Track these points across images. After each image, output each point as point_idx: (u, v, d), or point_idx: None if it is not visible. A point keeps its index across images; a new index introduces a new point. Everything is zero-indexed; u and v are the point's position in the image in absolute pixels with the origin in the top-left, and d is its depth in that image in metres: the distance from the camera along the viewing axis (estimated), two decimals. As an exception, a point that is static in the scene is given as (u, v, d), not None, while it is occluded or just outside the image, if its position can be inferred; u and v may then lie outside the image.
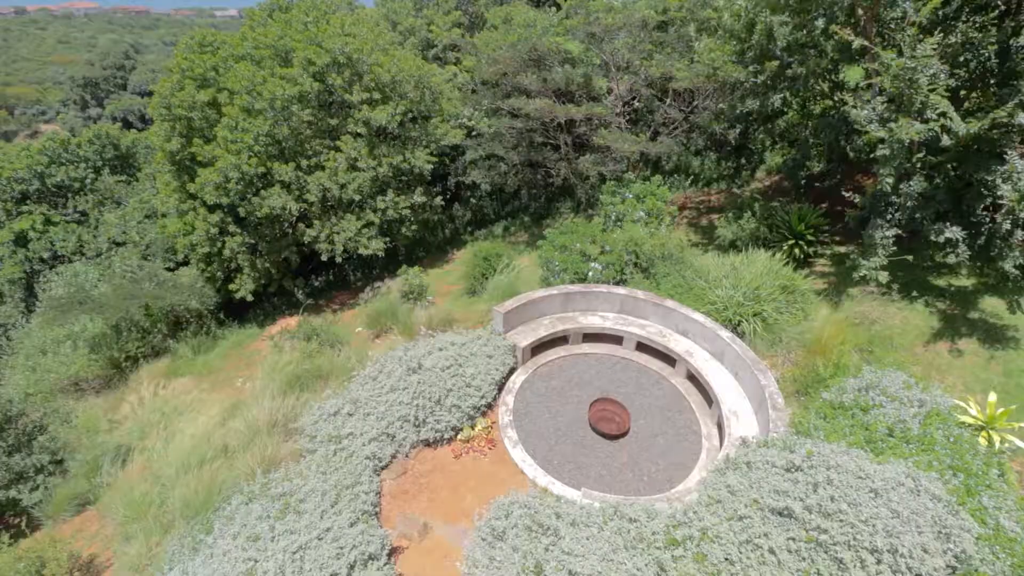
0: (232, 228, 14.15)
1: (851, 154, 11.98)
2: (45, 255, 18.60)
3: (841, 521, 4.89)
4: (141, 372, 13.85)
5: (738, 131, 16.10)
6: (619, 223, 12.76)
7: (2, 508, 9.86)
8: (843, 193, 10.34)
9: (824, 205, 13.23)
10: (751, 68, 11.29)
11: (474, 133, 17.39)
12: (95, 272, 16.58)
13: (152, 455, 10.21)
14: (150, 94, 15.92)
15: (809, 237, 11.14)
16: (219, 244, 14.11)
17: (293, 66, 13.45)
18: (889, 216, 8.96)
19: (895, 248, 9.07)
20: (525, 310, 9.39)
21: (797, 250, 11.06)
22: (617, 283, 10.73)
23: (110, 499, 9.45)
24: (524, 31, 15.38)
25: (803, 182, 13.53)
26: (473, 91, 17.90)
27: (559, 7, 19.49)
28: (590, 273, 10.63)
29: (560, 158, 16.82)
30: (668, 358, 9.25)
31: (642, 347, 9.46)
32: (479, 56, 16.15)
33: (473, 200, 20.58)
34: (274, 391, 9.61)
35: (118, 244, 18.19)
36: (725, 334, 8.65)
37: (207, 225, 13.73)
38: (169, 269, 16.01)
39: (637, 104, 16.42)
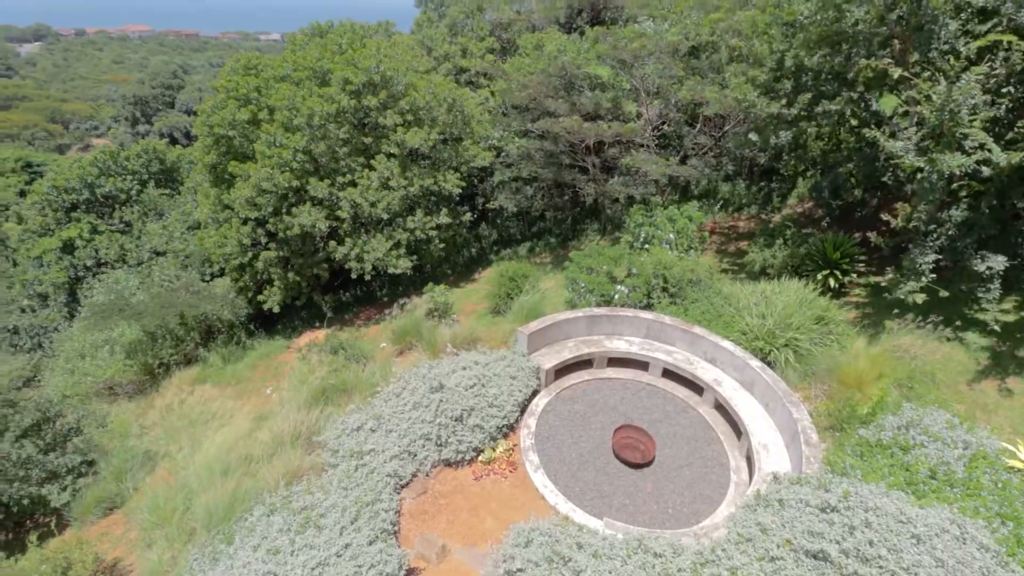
0: (265, 241, 14.58)
1: (887, 181, 11.71)
2: (89, 262, 19.44)
3: (880, 568, 4.63)
4: (172, 379, 14.22)
5: (768, 156, 15.94)
6: (646, 246, 12.67)
7: (33, 506, 10.09)
8: (879, 218, 10.08)
9: (859, 234, 12.91)
10: (783, 102, 11.17)
11: (503, 154, 17.64)
12: (135, 280, 17.23)
13: (178, 462, 10.40)
14: (195, 112, 16.72)
15: (844, 266, 10.85)
16: (252, 256, 14.53)
17: (331, 86, 13.94)
18: (929, 242, 8.68)
19: (935, 276, 8.75)
20: (550, 332, 9.34)
21: (831, 279, 10.77)
22: (644, 307, 10.61)
23: (136, 503, 9.64)
24: (554, 58, 15.65)
25: (836, 209, 13.24)
26: (504, 114, 18.22)
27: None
28: (616, 296, 10.54)
29: (588, 180, 16.89)
30: (695, 386, 9.04)
31: (669, 374, 9.27)
32: (510, 81, 16.47)
33: (499, 220, 20.78)
34: (299, 403, 9.73)
35: (158, 254, 18.90)
36: (755, 363, 8.42)
37: (240, 236, 14.18)
38: (204, 280, 16.53)
39: (667, 128, 16.45)
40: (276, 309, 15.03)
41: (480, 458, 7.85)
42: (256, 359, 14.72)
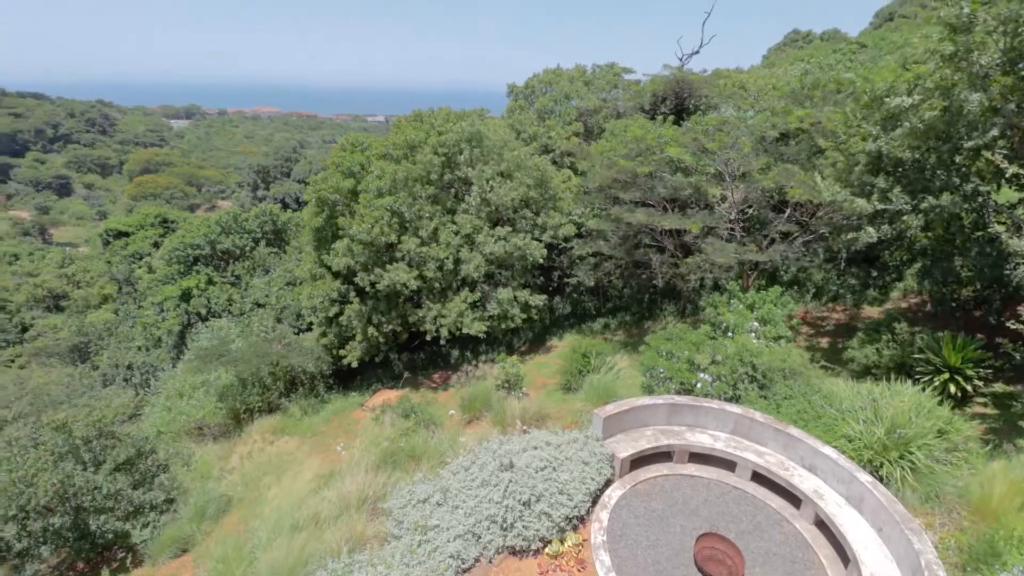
0: (352, 297, 15.52)
1: (1012, 279, 10.47)
2: (202, 310, 21.54)
3: None
4: (254, 425, 14.94)
5: (868, 243, 14.95)
6: (729, 333, 12.01)
7: (116, 539, 10.57)
8: (1004, 319, 8.93)
9: (980, 335, 11.48)
10: (876, 198, 10.56)
11: (582, 231, 17.95)
12: (236, 329, 18.77)
13: (250, 511, 10.66)
14: (307, 182, 18.76)
15: (968, 372, 9.61)
16: (338, 310, 15.48)
17: (420, 162, 15.26)
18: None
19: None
20: (626, 417, 8.89)
21: (953, 386, 9.54)
22: (729, 399, 9.88)
23: (206, 548, 9.88)
24: (636, 144, 16.07)
25: (951, 306, 11.94)
26: (585, 192, 18.73)
27: (676, 119, 20.32)
28: (698, 385, 9.94)
29: (665, 261, 16.64)
30: (791, 495, 8.08)
31: (759, 478, 8.39)
32: (593, 162, 17.04)
33: (575, 294, 20.77)
34: (368, 465, 9.79)
35: (259, 306, 20.61)
36: (864, 478, 7.43)
37: (330, 289, 15.20)
38: (295, 333, 17.68)
39: (752, 212, 16.04)
40: (355, 364, 15.64)
41: (547, 550, 7.34)
42: (331, 414, 15.20)
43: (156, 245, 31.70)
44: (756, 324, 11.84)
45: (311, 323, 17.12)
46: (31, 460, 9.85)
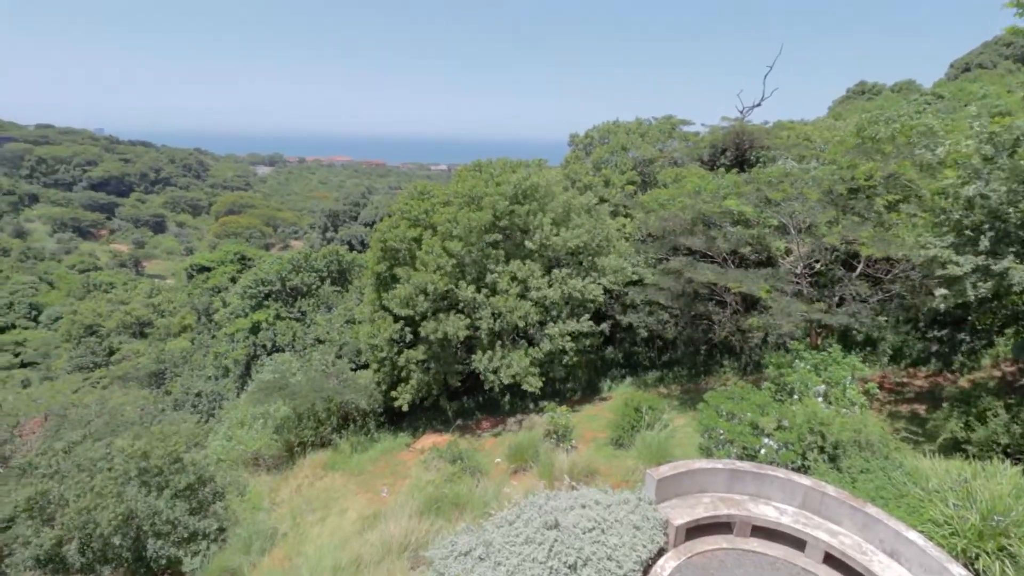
0: (410, 340, 15.88)
1: None
2: (268, 343, 22.72)
3: None
4: (306, 459, 15.27)
5: (951, 304, 13.74)
6: (796, 396, 11.22)
7: (169, 564, 10.89)
8: None
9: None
10: (979, 252, 9.74)
11: (637, 280, 17.69)
12: (297, 363, 19.58)
13: (295, 547, 10.75)
14: (372, 225, 19.92)
15: (1083, 457, 8.44)
16: (396, 351, 15.87)
17: (483, 208, 15.75)
18: None
19: None
20: (682, 480, 8.39)
21: (1064, 472, 8.37)
22: (797, 469, 9.14)
23: (251, 582, 10.00)
24: (694, 197, 15.89)
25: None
26: (641, 241, 18.56)
27: (737, 171, 19.99)
28: (762, 451, 9.28)
29: (724, 315, 15.99)
30: (869, 584, 7.22)
31: (832, 560, 7.59)
32: (648, 211, 16.95)
33: (627, 344, 20.25)
34: (411, 510, 9.71)
35: (320, 342, 21.48)
36: (958, 571, 6.55)
37: (391, 332, 15.64)
38: (352, 369, 18.21)
39: (819, 267, 15.26)
40: (405, 408, 15.84)
41: (591, 619, 6.89)
42: (379, 453, 15.33)
43: (233, 280, 34.08)
44: (824, 387, 11.03)
45: (367, 361, 17.61)
46: (97, 485, 10.38)
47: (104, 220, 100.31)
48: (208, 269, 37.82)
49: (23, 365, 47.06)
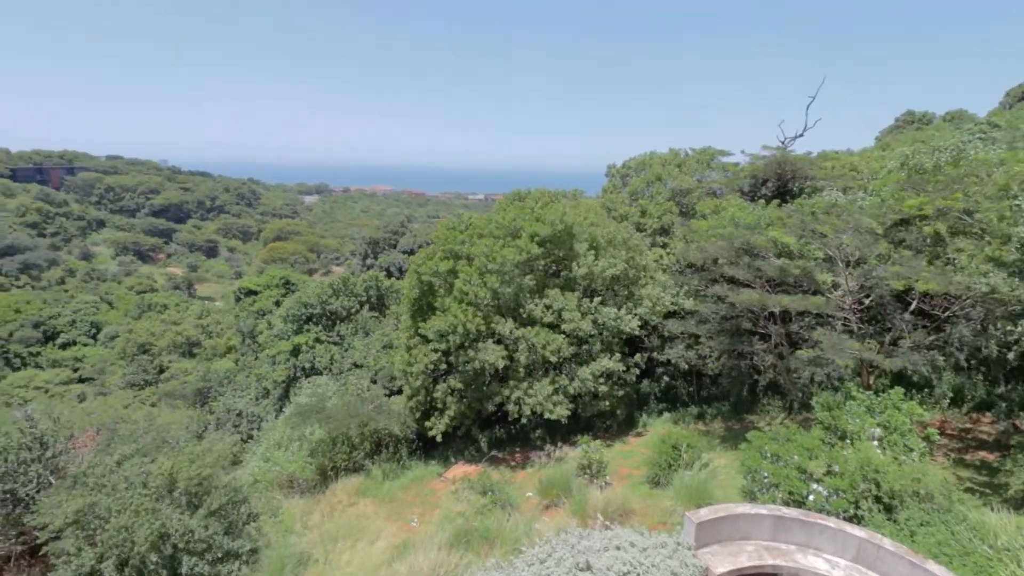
0: (445, 370, 15.93)
1: None
2: (307, 366, 23.28)
3: None
4: (339, 483, 15.35)
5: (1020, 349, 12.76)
6: (848, 439, 10.57)
7: (204, 583, 10.97)
8: None
9: None
10: None
11: (677, 311, 17.30)
12: (334, 386, 19.93)
13: (326, 572, 10.73)
14: (411, 252, 20.38)
15: None
16: (432, 381, 15.91)
17: (521, 239, 15.80)
18: None
19: None
20: (723, 525, 7.96)
21: None
22: (849, 518, 8.55)
23: (281, 607, 9.98)
24: (736, 226, 15.55)
25: None
26: (680, 272, 18.21)
27: (779, 202, 19.51)
28: (811, 497, 8.75)
29: (769, 350, 15.36)
30: (934, 653, 6.58)
31: (890, 622, 6.98)
32: (688, 241, 16.69)
33: (666, 377, 19.67)
34: (441, 542, 9.57)
35: (357, 366, 21.85)
36: (1038, 645, 5.90)
37: (426, 361, 15.73)
38: (387, 395, 18.39)
39: (870, 303, 14.53)
40: (439, 438, 15.81)
41: (625, 671, 6.52)
42: (410, 481, 15.26)
43: (277, 303, 35.33)
44: (878, 431, 10.36)
45: (401, 387, 17.74)
46: (135, 502, 10.68)
47: (162, 244, 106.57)
48: (255, 292, 39.40)
49: (80, 380, 49.69)
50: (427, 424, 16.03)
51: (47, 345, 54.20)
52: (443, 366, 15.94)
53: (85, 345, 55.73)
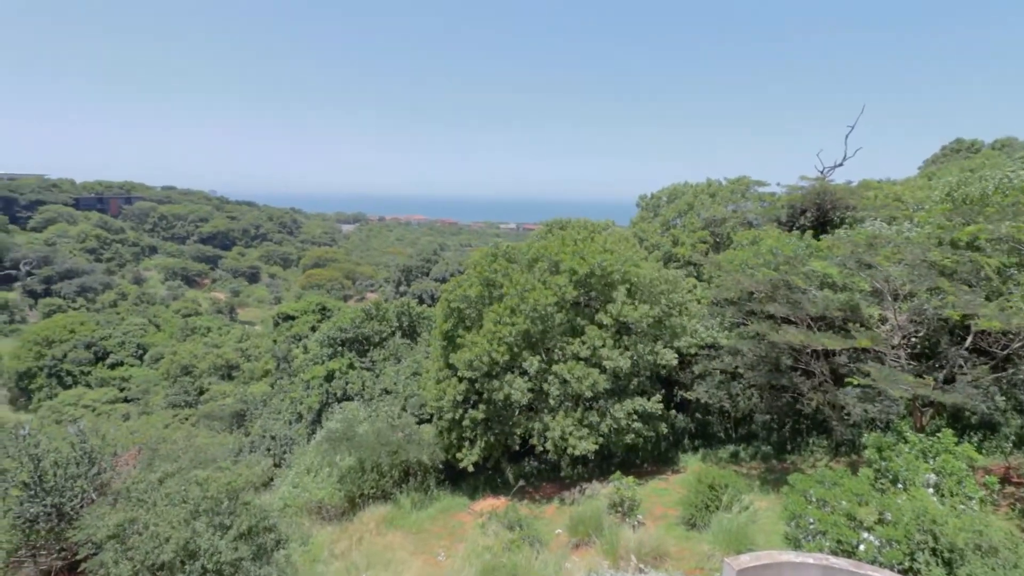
0: (475, 400, 15.83)
1: None
2: (339, 392, 23.58)
3: None
4: (366, 512, 15.29)
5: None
6: (900, 485, 9.90)
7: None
8: None
9: None
10: None
11: (712, 345, 16.81)
12: (364, 412, 20.08)
13: (350, 605, 10.59)
14: (443, 280, 20.71)
15: None
16: (461, 412, 15.80)
17: (561, 274, 15.65)
18: None
19: None
20: (766, 574, 7.51)
21: None
22: (904, 572, 7.94)
23: (306, 639, 9.87)
24: (775, 255, 15.13)
25: None
26: (715, 304, 17.76)
27: (817, 233, 18.97)
28: (862, 547, 8.18)
29: (813, 387, 14.67)
30: None
31: None
32: (722, 273, 16.30)
33: (699, 414, 19.01)
34: (468, 579, 9.35)
35: (387, 392, 22.00)
36: None
37: (455, 393, 15.66)
38: (416, 422, 18.39)
39: (921, 337, 13.77)
40: (471, 469, 15.63)
41: None
42: (438, 511, 15.08)
43: (313, 329, 36.21)
44: (933, 476, 9.67)
45: (431, 414, 17.71)
46: (171, 515, 10.84)
47: (208, 270, 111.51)
48: (292, 318, 40.53)
49: (126, 400, 51.74)
50: (458, 456, 15.88)
51: (97, 365, 56.82)
52: (473, 396, 15.86)
53: (132, 366, 58.20)
